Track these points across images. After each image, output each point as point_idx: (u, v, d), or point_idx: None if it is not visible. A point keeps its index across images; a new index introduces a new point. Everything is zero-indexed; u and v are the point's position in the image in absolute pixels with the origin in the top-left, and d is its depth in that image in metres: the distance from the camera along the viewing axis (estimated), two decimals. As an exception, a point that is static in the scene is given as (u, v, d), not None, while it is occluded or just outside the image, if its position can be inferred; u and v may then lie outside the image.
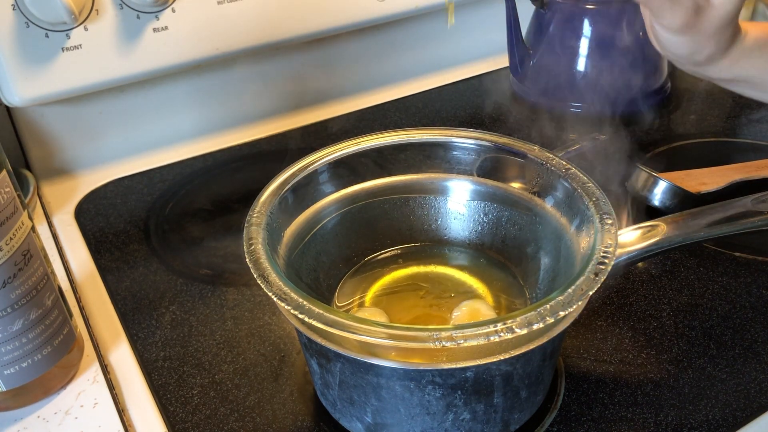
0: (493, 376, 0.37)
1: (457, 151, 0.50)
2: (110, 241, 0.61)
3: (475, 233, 0.51)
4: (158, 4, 0.63)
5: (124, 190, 0.69)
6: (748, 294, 0.52)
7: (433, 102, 0.83)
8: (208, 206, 0.66)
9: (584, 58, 0.74)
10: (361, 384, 0.38)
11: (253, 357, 0.49)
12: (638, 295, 0.52)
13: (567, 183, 0.44)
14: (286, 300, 0.36)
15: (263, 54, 0.75)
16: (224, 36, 0.68)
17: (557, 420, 0.43)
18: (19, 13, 0.59)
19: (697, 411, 0.43)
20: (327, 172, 0.48)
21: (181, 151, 0.74)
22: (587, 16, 0.73)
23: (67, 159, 0.71)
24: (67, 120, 0.70)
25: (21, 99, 0.62)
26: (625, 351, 0.48)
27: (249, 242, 0.40)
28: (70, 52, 0.61)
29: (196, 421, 0.44)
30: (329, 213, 0.48)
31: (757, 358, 0.47)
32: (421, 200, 0.51)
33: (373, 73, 0.85)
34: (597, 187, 0.43)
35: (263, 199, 0.43)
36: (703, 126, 0.74)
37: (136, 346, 0.50)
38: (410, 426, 0.39)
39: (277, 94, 0.80)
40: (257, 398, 0.45)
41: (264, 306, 0.53)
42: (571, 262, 0.42)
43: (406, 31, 0.85)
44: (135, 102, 0.72)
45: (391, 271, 0.50)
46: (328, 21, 0.73)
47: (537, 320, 0.34)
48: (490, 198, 0.50)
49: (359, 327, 0.34)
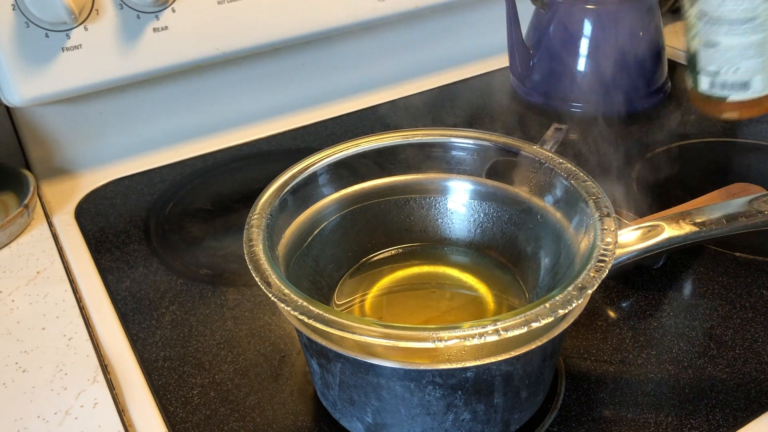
0: (494, 377, 0.37)
1: (457, 151, 0.50)
2: (110, 241, 0.61)
3: (475, 233, 0.51)
4: (158, 4, 0.63)
5: (124, 190, 0.69)
6: (748, 294, 0.52)
7: (433, 102, 0.83)
8: (208, 206, 0.66)
9: (584, 58, 0.74)
10: (361, 384, 0.38)
11: (253, 357, 0.49)
12: (638, 295, 0.52)
13: (566, 182, 0.44)
14: (286, 301, 0.36)
15: (263, 54, 0.75)
16: (224, 36, 0.68)
17: (557, 420, 0.43)
18: (19, 13, 0.59)
19: (697, 411, 0.43)
20: (327, 173, 0.48)
21: (181, 151, 0.74)
22: (587, 16, 0.73)
23: (67, 159, 0.71)
24: (67, 120, 0.70)
25: (21, 99, 0.62)
26: (625, 351, 0.48)
27: (249, 244, 0.40)
28: (70, 52, 0.61)
29: (196, 421, 0.44)
30: (329, 214, 0.49)
31: (757, 358, 0.47)
32: (421, 200, 0.51)
33: (373, 73, 0.85)
34: (597, 185, 0.43)
35: (263, 201, 0.43)
36: (703, 126, 0.74)
37: (136, 346, 0.50)
38: (410, 426, 0.39)
39: (277, 94, 0.80)
40: (257, 398, 0.45)
41: (264, 306, 0.53)
42: (571, 261, 0.42)
43: (406, 31, 0.85)
44: (135, 102, 0.72)
45: (391, 271, 0.50)
46: (328, 21, 0.73)
47: (536, 319, 0.34)
48: (490, 198, 0.50)
49: (359, 327, 0.34)
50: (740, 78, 0.53)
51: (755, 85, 0.53)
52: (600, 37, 0.73)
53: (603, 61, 0.74)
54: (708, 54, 0.53)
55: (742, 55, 0.52)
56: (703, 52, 0.54)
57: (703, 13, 0.52)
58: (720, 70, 0.53)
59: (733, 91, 0.54)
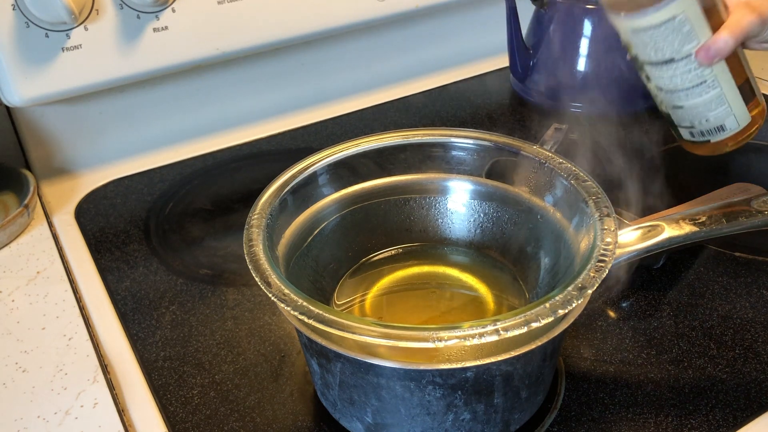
0: (494, 377, 0.37)
1: (457, 151, 0.50)
2: (110, 241, 0.61)
3: (475, 233, 0.51)
4: (158, 4, 0.63)
5: (124, 190, 0.69)
6: (748, 294, 0.52)
7: (433, 102, 0.83)
8: (208, 206, 0.66)
9: (584, 58, 0.74)
10: (361, 384, 0.38)
11: (253, 357, 0.49)
12: (638, 295, 0.52)
13: (566, 182, 0.44)
14: (286, 301, 0.36)
15: (263, 54, 0.75)
16: (224, 36, 0.68)
17: (557, 420, 0.43)
18: (19, 13, 0.59)
19: (697, 411, 0.43)
20: (327, 173, 0.48)
21: (181, 151, 0.74)
22: (587, 16, 0.73)
23: (67, 159, 0.71)
24: (67, 120, 0.70)
25: (21, 99, 0.62)
26: (625, 351, 0.48)
27: (249, 244, 0.40)
28: (70, 52, 0.61)
29: (196, 421, 0.44)
30: (329, 214, 0.49)
31: (757, 358, 0.47)
32: (421, 200, 0.51)
33: (373, 73, 0.85)
34: (597, 185, 0.43)
35: (263, 201, 0.43)
36: (703, 126, 0.74)
37: (136, 346, 0.50)
38: (410, 426, 0.39)
39: (277, 94, 0.80)
40: (257, 398, 0.45)
41: (264, 306, 0.53)
42: (571, 261, 0.42)
43: (406, 31, 0.85)
44: (135, 102, 0.72)
45: (391, 271, 0.50)
46: (328, 21, 0.73)
47: (536, 319, 0.34)
48: (490, 198, 0.50)
49: (359, 327, 0.34)
50: (713, 125, 0.57)
51: (729, 125, 0.57)
52: (600, 37, 0.73)
53: (603, 61, 0.74)
54: (677, 114, 0.58)
55: (707, 108, 0.56)
56: (672, 113, 0.59)
57: (659, 87, 0.57)
58: (693, 124, 0.58)
59: (712, 135, 0.58)
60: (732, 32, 0.52)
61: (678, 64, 0.54)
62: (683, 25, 0.52)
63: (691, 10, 0.52)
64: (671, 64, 0.54)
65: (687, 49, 0.53)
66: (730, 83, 0.55)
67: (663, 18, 0.52)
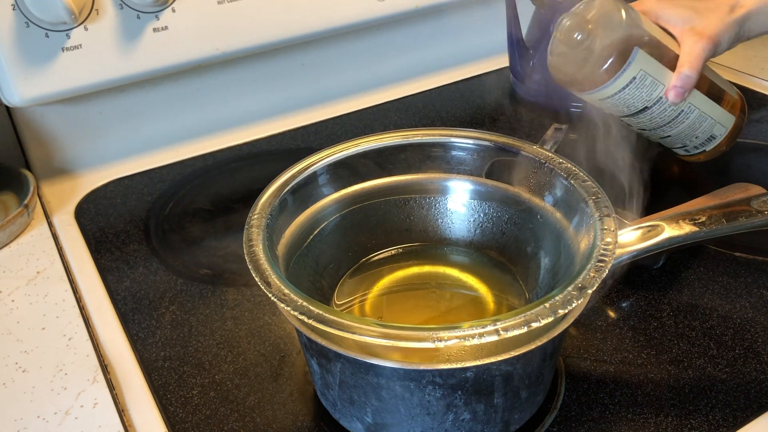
0: (494, 377, 0.37)
1: (457, 151, 0.50)
2: (110, 241, 0.61)
3: (474, 233, 0.51)
4: (158, 4, 0.63)
5: (124, 190, 0.69)
6: (748, 294, 0.52)
7: (433, 102, 0.83)
8: (208, 206, 0.66)
9: (584, 58, 0.74)
10: (361, 384, 0.38)
11: (253, 357, 0.49)
12: (638, 295, 0.52)
13: (566, 182, 0.44)
14: (286, 301, 0.36)
15: (263, 54, 0.75)
16: (224, 36, 0.68)
17: (557, 420, 0.43)
18: (19, 13, 0.59)
19: (697, 411, 0.43)
20: (327, 173, 0.48)
21: (181, 151, 0.74)
22: (587, 16, 0.73)
23: (67, 159, 0.71)
24: (67, 120, 0.70)
25: (21, 99, 0.62)
26: (625, 351, 0.48)
27: (249, 244, 0.40)
28: (70, 52, 0.61)
29: (196, 421, 0.44)
30: (329, 214, 0.49)
31: (757, 358, 0.47)
32: (421, 200, 0.51)
33: (373, 73, 0.85)
34: (597, 185, 0.43)
35: (263, 201, 0.43)
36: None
37: (136, 346, 0.50)
38: (410, 426, 0.39)
39: (277, 94, 0.80)
40: (257, 398, 0.45)
41: (264, 306, 0.53)
42: (571, 261, 0.42)
43: (406, 31, 0.85)
44: (135, 102, 0.72)
45: (390, 271, 0.50)
46: (328, 21, 0.73)
47: (536, 319, 0.34)
48: (490, 198, 0.50)
49: (359, 327, 0.34)
50: (703, 139, 0.60)
51: (718, 132, 0.60)
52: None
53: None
54: (667, 141, 0.61)
55: (693, 129, 0.59)
56: (662, 142, 0.62)
57: (641, 129, 0.60)
58: (685, 144, 0.61)
59: (705, 146, 0.61)
60: (690, 65, 0.54)
61: (652, 109, 0.57)
62: (644, 79, 0.54)
63: (647, 65, 0.54)
64: (646, 111, 0.57)
65: (656, 95, 0.55)
66: (703, 99, 0.58)
67: (624, 83, 0.55)
